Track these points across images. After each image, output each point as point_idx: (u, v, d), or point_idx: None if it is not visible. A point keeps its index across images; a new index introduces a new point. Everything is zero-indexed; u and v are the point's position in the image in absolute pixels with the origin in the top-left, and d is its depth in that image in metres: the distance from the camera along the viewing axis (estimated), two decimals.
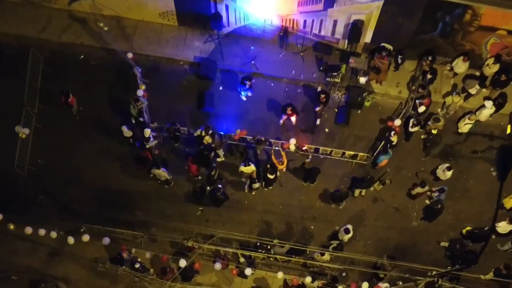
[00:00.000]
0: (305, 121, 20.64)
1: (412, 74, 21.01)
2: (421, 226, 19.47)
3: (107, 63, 21.35)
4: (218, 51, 21.24)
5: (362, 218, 19.59)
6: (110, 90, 20.94)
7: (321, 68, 21.04)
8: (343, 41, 20.89)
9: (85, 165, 20.04)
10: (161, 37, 21.64)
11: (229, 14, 20.53)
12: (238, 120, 20.51)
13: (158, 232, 19.18)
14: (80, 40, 21.58)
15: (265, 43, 21.49)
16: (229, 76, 21.24)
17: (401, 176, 19.99)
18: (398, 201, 19.78)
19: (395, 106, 20.86)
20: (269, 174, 18.42)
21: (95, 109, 20.55)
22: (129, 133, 19.06)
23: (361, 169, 19.97)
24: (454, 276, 16.20)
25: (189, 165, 19.03)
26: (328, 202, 19.73)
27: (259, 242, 18.11)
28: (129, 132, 19.04)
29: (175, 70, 21.36)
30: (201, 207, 19.72)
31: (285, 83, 21.13)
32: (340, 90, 21.03)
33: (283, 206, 19.75)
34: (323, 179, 19.81)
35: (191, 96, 20.90)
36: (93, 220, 18.56)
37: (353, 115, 20.72)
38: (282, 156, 18.84)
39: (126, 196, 19.59)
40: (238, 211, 19.62)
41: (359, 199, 19.74)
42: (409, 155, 20.21)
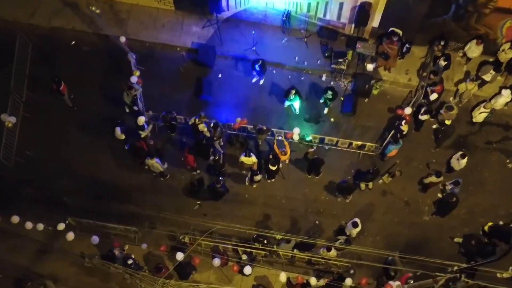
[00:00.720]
0: (309, 110, 19.48)
1: (423, 61, 19.87)
2: (433, 221, 18.30)
3: (100, 49, 20.24)
4: (217, 36, 20.10)
5: (370, 212, 18.41)
6: (103, 77, 19.82)
7: (326, 55, 19.90)
8: (349, 26, 19.75)
9: (76, 156, 18.89)
10: (157, 22, 20.49)
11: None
12: (238, 109, 19.35)
13: (153, 227, 17.96)
14: (71, 25, 20.46)
15: (267, 28, 20.36)
16: (228, 63, 20.10)
17: (411, 168, 18.84)
18: (409, 194, 18.61)
19: (404, 94, 19.72)
20: (271, 166, 17.24)
21: (87, 98, 19.42)
22: (121, 136, 17.84)
23: (369, 160, 18.80)
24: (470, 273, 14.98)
25: (185, 156, 17.83)
26: (334, 195, 18.55)
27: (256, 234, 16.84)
28: (122, 136, 17.82)
29: (172, 57, 20.22)
30: (198, 201, 18.54)
31: (288, 70, 19.99)
32: (346, 78, 19.88)
33: (286, 200, 18.56)
34: (329, 171, 18.65)
35: (188, 84, 19.76)
36: (83, 214, 17.39)
37: (360, 104, 19.58)
38: (285, 146, 17.66)
39: (119, 189, 18.40)
40: (238, 205, 18.44)
41: (367, 192, 18.56)
42: (420, 146, 19.07)
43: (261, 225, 17.99)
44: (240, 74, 19.99)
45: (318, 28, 20.13)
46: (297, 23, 20.04)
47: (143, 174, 18.58)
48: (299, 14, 19.67)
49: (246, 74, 19.90)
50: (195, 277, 17.03)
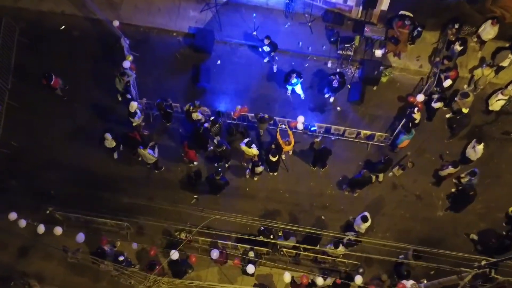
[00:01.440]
0: (314, 98, 18.27)
1: (435, 47, 18.66)
2: (447, 217, 17.06)
3: (91, 34, 19.09)
4: (216, 21, 18.92)
5: (379, 207, 17.18)
6: (94, 63, 18.67)
7: (331, 40, 18.70)
8: (356, 9, 18.58)
9: (65, 147, 17.67)
10: (152, 6, 19.32)
11: None
12: (238, 97, 18.21)
13: (146, 223, 16.71)
14: (61, 8, 19.32)
15: (269, 12, 19.21)
16: (228, 49, 18.91)
17: (423, 160, 17.62)
18: (421, 188, 17.38)
19: (415, 82, 18.54)
20: (271, 156, 15.98)
21: (77, 85, 18.22)
22: (112, 144, 16.56)
23: (378, 152, 17.60)
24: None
25: (186, 152, 16.60)
26: (341, 189, 17.29)
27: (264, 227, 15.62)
28: (113, 142, 16.54)
29: (168, 42, 19.04)
30: (196, 195, 17.26)
31: (291, 56, 18.80)
32: (353, 65, 18.67)
33: (289, 194, 17.32)
34: (335, 163, 17.45)
35: (185, 71, 18.59)
36: (72, 209, 16.12)
37: (368, 92, 18.39)
38: (289, 136, 16.44)
39: (110, 182, 17.16)
40: (238, 199, 17.20)
41: (376, 186, 17.33)
42: (432, 136, 17.88)
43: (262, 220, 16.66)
44: (241, 60, 18.81)
45: (323, 12, 18.95)
46: (300, 6, 18.85)
47: (136, 166, 17.37)
48: None
49: (246, 61, 18.74)
50: (191, 276, 15.70)
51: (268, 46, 17.35)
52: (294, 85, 17.32)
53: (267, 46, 17.34)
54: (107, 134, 16.31)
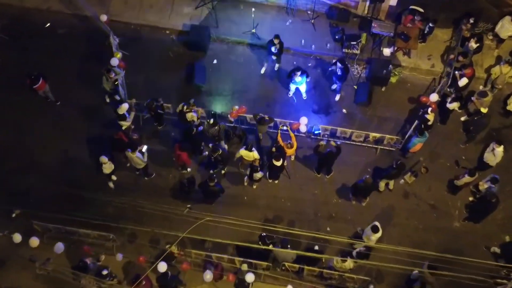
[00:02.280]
0: (317, 99, 16.90)
1: (447, 45, 17.35)
2: (465, 228, 15.53)
3: (78, 31, 17.87)
4: (213, 18, 17.62)
5: (390, 217, 15.66)
6: (81, 63, 17.41)
7: (336, 37, 17.41)
8: (362, 4, 17.33)
9: (46, 149, 16.20)
10: (144, 2, 18.15)
11: None
12: (235, 98, 16.93)
13: (134, 234, 15.18)
14: (47, 5, 18.11)
15: (269, 9, 18.01)
16: (225, 48, 17.63)
17: (437, 166, 16.19)
18: (435, 196, 15.89)
19: (426, 82, 17.23)
20: (274, 160, 14.52)
21: (61, 84, 16.80)
22: (111, 167, 14.88)
23: (388, 157, 16.15)
24: None
25: (177, 155, 15.13)
26: (348, 198, 15.80)
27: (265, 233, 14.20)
28: (111, 165, 14.86)
29: (160, 41, 17.78)
30: (189, 204, 15.70)
31: (293, 55, 17.51)
32: (359, 64, 17.33)
33: (291, 202, 15.81)
34: (341, 169, 16.01)
35: (178, 70, 17.29)
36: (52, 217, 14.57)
37: (376, 93, 17.04)
38: (291, 138, 15.01)
39: (95, 188, 15.60)
40: (235, 208, 15.63)
41: (386, 194, 15.86)
42: (446, 140, 16.50)
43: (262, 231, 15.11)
44: (239, 59, 17.53)
45: (327, 8, 17.70)
46: (303, 2, 17.60)
47: (124, 172, 15.85)
48: None
49: (245, 59, 17.45)
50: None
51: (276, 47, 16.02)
52: (298, 84, 15.94)
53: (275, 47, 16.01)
54: (103, 157, 14.51)
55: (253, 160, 15.05)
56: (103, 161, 14.54)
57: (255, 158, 14.97)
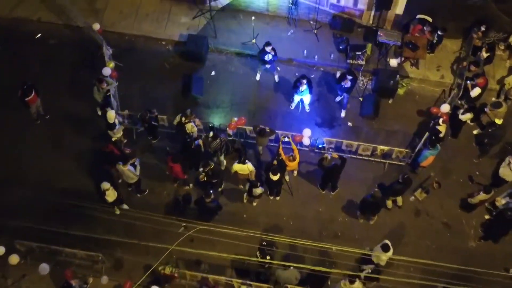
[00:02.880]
0: (321, 111, 16.01)
1: (457, 56, 16.53)
2: (481, 248, 14.42)
3: (70, 42, 17.10)
4: (211, 27, 16.83)
5: (400, 236, 14.57)
6: (72, 73, 16.53)
7: (340, 48, 16.60)
8: (367, 13, 16.56)
9: (33, 162, 15.23)
10: (139, 12, 17.37)
11: None
12: (234, 110, 16.05)
13: (125, 255, 14.07)
14: (37, 15, 17.30)
15: (270, 19, 17.21)
16: (224, 58, 16.85)
17: (450, 182, 15.19)
18: (448, 214, 14.84)
19: (436, 94, 16.36)
20: (273, 174, 13.49)
21: (52, 96, 15.93)
22: (114, 195, 13.79)
23: (397, 172, 15.08)
24: None
25: (170, 167, 14.13)
26: (355, 216, 14.74)
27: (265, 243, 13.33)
28: (114, 192, 13.78)
29: (155, 52, 17.03)
30: (184, 223, 14.59)
31: (295, 66, 16.69)
32: (365, 75, 16.47)
33: (294, 221, 14.74)
34: (347, 185, 15.02)
35: (174, 81, 16.42)
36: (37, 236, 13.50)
37: (383, 106, 16.14)
38: (293, 150, 14.03)
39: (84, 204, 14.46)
40: (234, 227, 14.46)
41: (395, 212, 14.82)
42: (459, 155, 15.54)
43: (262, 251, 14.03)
44: (238, 70, 16.71)
45: (330, 18, 16.93)
46: (305, 12, 16.85)
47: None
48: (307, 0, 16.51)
49: (244, 71, 16.63)
50: None
51: (271, 54, 15.17)
52: (303, 94, 15.05)
53: (270, 54, 15.16)
54: (105, 183, 13.38)
55: (248, 173, 14.05)
56: (105, 188, 13.39)
57: (250, 170, 13.97)
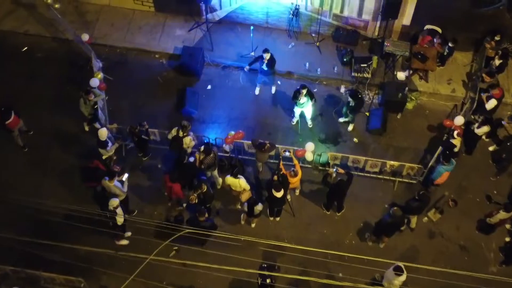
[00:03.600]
0: (325, 127, 14.94)
1: (469, 70, 15.60)
2: (503, 273, 13.02)
3: (58, 56, 16.12)
4: (207, 40, 15.94)
5: (413, 260, 13.13)
6: (59, 87, 15.55)
7: (344, 60, 15.63)
8: (373, 24, 15.68)
9: (13, 180, 14.11)
10: (132, 24, 16.51)
11: None
12: (232, 126, 14.89)
13: (110, 282, 12.73)
14: (25, 28, 16.41)
15: (269, 31, 16.31)
16: (220, 72, 15.89)
17: (466, 201, 14.00)
18: (466, 236, 13.59)
19: (447, 109, 15.34)
20: (276, 191, 12.31)
21: (35, 111, 14.90)
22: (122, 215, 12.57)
23: (408, 191, 13.97)
24: None
25: (168, 187, 12.94)
26: (363, 238, 13.48)
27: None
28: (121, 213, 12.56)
29: (148, 65, 16.09)
30: (175, 246, 13.31)
31: (296, 80, 15.69)
32: (371, 89, 15.45)
33: (297, 243, 13.33)
34: (354, 206, 13.85)
35: (168, 96, 15.47)
36: (14, 259, 12.21)
37: (391, 121, 15.09)
38: (295, 165, 12.89)
39: (66, 225, 13.23)
40: (230, 251, 13.13)
41: (408, 234, 13.59)
42: (474, 173, 14.40)
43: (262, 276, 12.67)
44: (236, 84, 15.73)
45: (333, 31, 16.07)
46: (306, 23, 15.97)
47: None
48: (309, 10, 15.65)
49: (242, 85, 15.65)
50: None
51: (267, 64, 14.22)
52: (303, 105, 14.00)
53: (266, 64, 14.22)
54: (113, 199, 12.09)
55: (240, 191, 12.86)
56: (114, 205, 12.01)
57: (243, 187, 12.77)
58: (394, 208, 12.16)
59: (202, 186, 12.57)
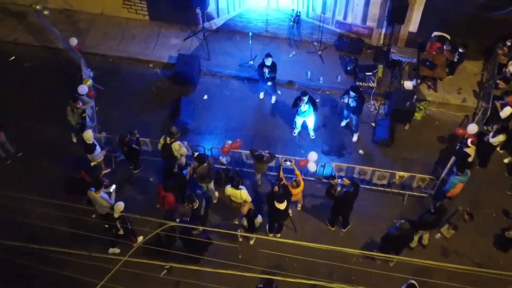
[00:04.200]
0: (328, 138, 14.06)
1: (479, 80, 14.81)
2: None
3: (47, 65, 15.39)
4: (204, 49, 15.20)
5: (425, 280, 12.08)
6: (47, 97, 14.72)
7: (348, 69, 14.85)
8: (377, 32, 14.96)
9: None
10: (126, 33, 15.82)
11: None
12: (229, 136, 13.93)
13: None
14: (14, 36, 15.72)
15: (269, 40, 15.57)
16: (217, 81, 15.11)
17: (481, 216, 12.98)
18: (482, 253, 12.53)
19: (458, 119, 14.44)
20: (278, 202, 11.32)
21: (22, 123, 14.09)
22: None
23: (419, 206, 12.98)
24: None
25: (161, 197, 11.99)
26: (371, 256, 12.40)
27: None
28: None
29: (142, 74, 15.35)
30: (167, 265, 12.28)
31: (297, 89, 14.83)
32: (377, 100, 14.62)
33: (299, 262, 12.33)
34: (360, 221, 12.86)
35: (162, 107, 14.63)
36: None
37: (399, 132, 14.19)
38: (297, 176, 11.95)
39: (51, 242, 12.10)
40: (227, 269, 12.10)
41: (419, 252, 12.54)
42: (489, 186, 13.43)
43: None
44: (234, 94, 14.91)
45: (336, 39, 15.33)
46: (308, 31, 15.27)
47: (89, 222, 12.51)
48: (311, 17, 14.97)
49: (241, 94, 14.88)
50: None
51: (269, 68, 13.43)
52: (305, 115, 13.13)
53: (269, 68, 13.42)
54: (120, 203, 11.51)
55: (241, 203, 11.89)
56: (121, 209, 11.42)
57: (244, 199, 11.81)
58: (402, 221, 11.16)
59: (194, 200, 11.60)
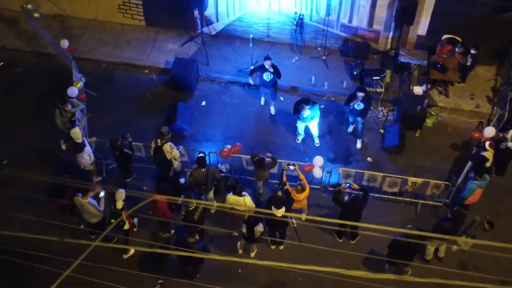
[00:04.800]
0: (334, 146, 13.20)
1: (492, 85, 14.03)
2: None
3: (38, 71, 14.63)
4: (202, 54, 14.50)
5: None
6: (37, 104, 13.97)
7: (354, 73, 14.10)
8: (384, 36, 14.27)
9: None
10: (120, 38, 15.14)
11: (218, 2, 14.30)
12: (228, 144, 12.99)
13: None
14: (3, 42, 15.04)
15: (270, 45, 14.88)
16: (216, 87, 14.35)
17: (501, 227, 12.03)
18: (504, 267, 11.45)
19: (471, 126, 13.61)
20: (274, 208, 10.28)
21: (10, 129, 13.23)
22: None
23: (433, 215, 12.01)
24: None
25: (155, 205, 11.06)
26: (382, 269, 11.40)
27: None
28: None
29: (136, 80, 14.62)
30: (161, 280, 11.27)
31: (301, 96, 14.01)
32: (385, 106, 13.81)
33: (304, 276, 11.33)
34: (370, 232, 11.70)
35: (157, 113, 13.80)
36: None
37: (410, 139, 13.34)
38: (301, 180, 11.04)
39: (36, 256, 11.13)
40: (226, 284, 11.11)
41: (435, 265, 11.49)
42: (509, 195, 12.52)
43: None
44: (233, 101, 14.15)
45: (341, 44, 14.65)
46: (311, 36, 14.58)
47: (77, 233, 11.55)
48: (315, 20, 14.31)
49: (240, 101, 14.11)
50: None
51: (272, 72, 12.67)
52: (307, 120, 12.30)
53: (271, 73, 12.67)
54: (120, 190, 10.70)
55: (244, 212, 10.92)
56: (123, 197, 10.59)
57: (248, 206, 10.86)
58: (409, 226, 10.19)
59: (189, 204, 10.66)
